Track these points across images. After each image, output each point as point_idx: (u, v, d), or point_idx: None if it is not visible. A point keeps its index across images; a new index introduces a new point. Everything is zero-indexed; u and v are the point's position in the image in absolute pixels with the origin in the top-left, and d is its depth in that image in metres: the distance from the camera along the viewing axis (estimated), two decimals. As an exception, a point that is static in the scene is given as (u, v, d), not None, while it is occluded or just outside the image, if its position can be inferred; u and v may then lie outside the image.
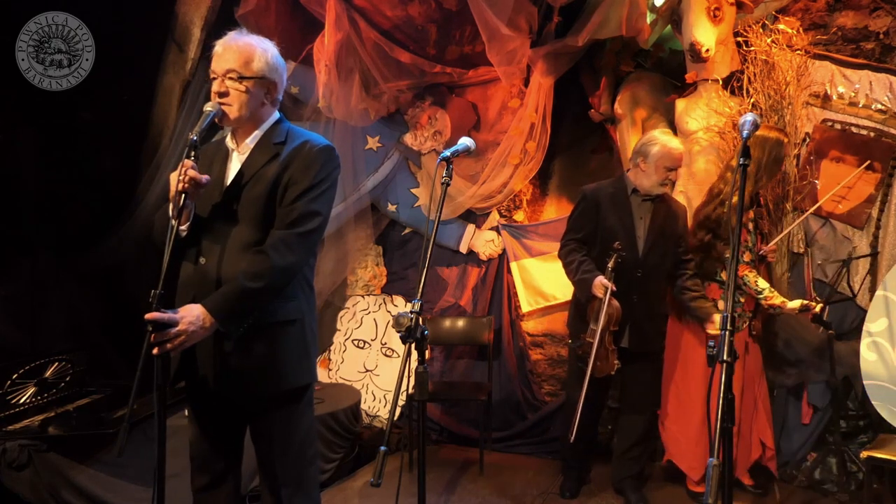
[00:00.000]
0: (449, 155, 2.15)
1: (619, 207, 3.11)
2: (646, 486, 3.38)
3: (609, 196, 3.14)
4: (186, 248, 1.97)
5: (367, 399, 4.34)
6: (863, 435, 3.29)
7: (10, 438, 2.90)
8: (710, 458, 1.48)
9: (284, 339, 1.99)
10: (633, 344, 3.10)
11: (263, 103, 2.03)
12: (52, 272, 3.98)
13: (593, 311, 2.95)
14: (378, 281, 4.57)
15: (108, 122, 4.09)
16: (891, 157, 3.25)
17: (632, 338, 3.09)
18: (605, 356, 2.96)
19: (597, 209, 3.13)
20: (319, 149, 2.02)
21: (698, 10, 3.30)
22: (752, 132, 1.86)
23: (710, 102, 3.46)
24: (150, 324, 1.75)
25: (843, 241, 3.36)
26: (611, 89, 4.02)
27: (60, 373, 3.46)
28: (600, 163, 4.21)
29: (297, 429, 2.04)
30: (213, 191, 1.97)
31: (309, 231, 1.96)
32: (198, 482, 2.08)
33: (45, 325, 3.90)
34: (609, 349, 2.96)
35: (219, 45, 1.98)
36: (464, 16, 3.86)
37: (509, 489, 3.47)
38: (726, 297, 1.72)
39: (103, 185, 4.15)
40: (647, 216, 3.12)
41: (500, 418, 4.09)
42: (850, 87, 3.34)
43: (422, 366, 1.87)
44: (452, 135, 4.25)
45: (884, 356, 2.88)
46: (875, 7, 3.38)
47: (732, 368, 1.58)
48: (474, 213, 4.29)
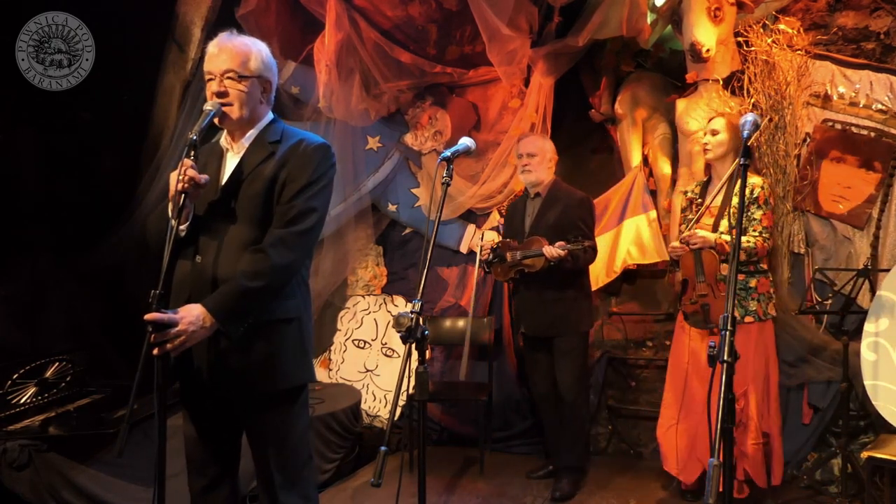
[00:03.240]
0: (449, 155, 2.15)
1: (518, 211, 3.54)
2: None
3: (514, 204, 3.65)
4: (184, 246, 1.97)
5: (368, 399, 4.34)
6: (863, 435, 3.29)
7: (10, 438, 2.90)
8: (711, 458, 1.48)
9: (283, 337, 1.99)
10: (529, 328, 3.44)
11: (261, 102, 2.04)
12: (52, 272, 3.98)
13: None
14: (378, 281, 4.57)
15: (108, 122, 4.09)
16: (891, 158, 3.25)
17: (527, 325, 3.44)
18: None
19: (506, 218, 3.69)
20: (315, 147, 2.02)
21: (699, 10, 3.30)
22: (753, 132, 1.86)
23: (710, 102, 3.46)
24: (150, 324, 1.74)
25: (843, 241, 3.36)
26: (611, 89, 4.02)
27: (61, 373, 3.45)
28: (600, 163, 4.21)
29: (293, 429, 2.03)
30: (209, 190, 1.97)
31: (307, 229, 1.96)
32: (195, 484, 2.07)
33: (46, 325, 3.90)
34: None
35: (213, 47, 1.99)
36: (464, 16, 3.86)
37: (509, 489, 3.47)
38: (726, 296, 1.71)
39: (103, 185, 4.15)
40: (534, 212, 3.44)
41: (500, 418, 4.09)
42: (850, 88, 3.34)
43: (422, 366, 1.87)
44: (453, 135, 4.25)
45: (884, 356, 2.88)
46: (876, 7, 3.38)
47: (733, 368, 1.57)
48: (475, 213, 4.29)
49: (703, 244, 2.99)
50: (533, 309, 3.39)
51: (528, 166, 3.40)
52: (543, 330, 3.39)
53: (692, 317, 3.08)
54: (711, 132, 3.13)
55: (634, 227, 3.86)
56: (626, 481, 3.53)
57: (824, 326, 3.39)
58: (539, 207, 3.42)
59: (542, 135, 3.74)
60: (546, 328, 3.38)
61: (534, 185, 3.45)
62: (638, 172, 3.89)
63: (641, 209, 3.86)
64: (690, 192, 3.27)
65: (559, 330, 3.36)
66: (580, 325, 3.41)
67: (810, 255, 3.44)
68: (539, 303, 3.36)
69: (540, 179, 3.43)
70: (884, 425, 2.91)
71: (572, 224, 3.33)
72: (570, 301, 3.36)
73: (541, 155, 3.41)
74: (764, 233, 3.01)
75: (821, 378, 3.31)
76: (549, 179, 3.45)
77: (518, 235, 3.44)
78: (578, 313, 3.39)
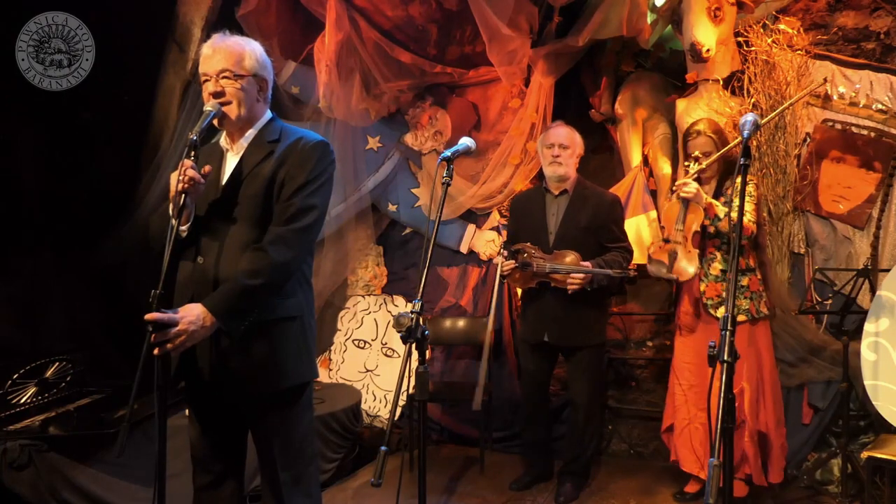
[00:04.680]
0: (449, 155, 2.15)
1: (535, 207, 3.32)
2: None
3: (525, 199, 3.44)
4: (185, 247, 1.97)
5: (368, 399, 4.34)
6: (863, 435, 3.29)
7: (10, 438, 2.90)
8: (711, 458, 1.48)
9: (285, 336, 1.99)
10: (553, 338, 3.21)
11: (258, 100, 2.05)
12: (52, 272, 3.98)
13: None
14: (379, 281, 4.57)
15: (108, 122, 4.09)
16: (891, 158, 3.25)
17: (551, 333, 3.21)
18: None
19: (515, 215, 3.45)
20: (314, 145, 2.02)
21: (699, 11, 3.30)
22: (753, 132, 1.86)
23: (710, 102, 3.46)
24: (151, 324, 1.75)
25: (843, 241, 3.36)
26: (611, 89, 4.02)
27: (61, 373, 3.45)
28: (601, 163, 4.21)
29: (297, 427, 2.04)
30: (209, 190, 1.98)
31: (307, 226, 1.97)
32: (199, 481, 2.08)
33: (46, 325, 3.90)
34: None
35: (207, 48, 1.99)
36: (464, 16, 3.86)
37: (509, 488, 3.47)
38: (726, 295, 1.71)
39: (103, 185, 4.15)
40: (559, 211, 3.25)
41: (500, 418, 4.09)
42: (850, 87, 3.34)
43: (422, 366, 1.87)
44: (453, 135, 4.26)
45: (884, 356, 2.88)
46: (876, 7, 3.38)
47: (733, 368, 1.57)
48: (475, 213, 4.29)
49: (694, 197, 2.92)
50: (557, 317, 3.19)
51: (559, 158, 3.19)
52: (568, 339, 3.22)
53: (655, 263, 3.04)
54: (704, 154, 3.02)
55: (635, 227, 3.86)
56: (625, 481, 3.53)
57: (824, 326, 3.38)
58: (567, 206, 3.24)
59: (571, 127, 3.50)
60: (571, 338, 3.21)
61: (561, 179, 3.23)
62: (638, 172, 3.89)
63: (642, 209, 3.86)
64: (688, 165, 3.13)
65: (585, 340, 3.22)
66: (602, 335, 3.33)
67: (810, 255, 3.44)
68: (563, 311, 3.17)
69: (569, 174, 3.24)
70: (884, 425, 2.91)
71: (605, 227, 3.20)
72: (596, 311, 3.25)
73: (572, 148, 3.23)
74: (748, 215, 2.93)
75: (821, 378, 3.31)
76: (574, 175, 3.28)
77: (540, 233, 3.24)
78: (601, 324, 3.32)
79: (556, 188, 3.28)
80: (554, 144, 3.21)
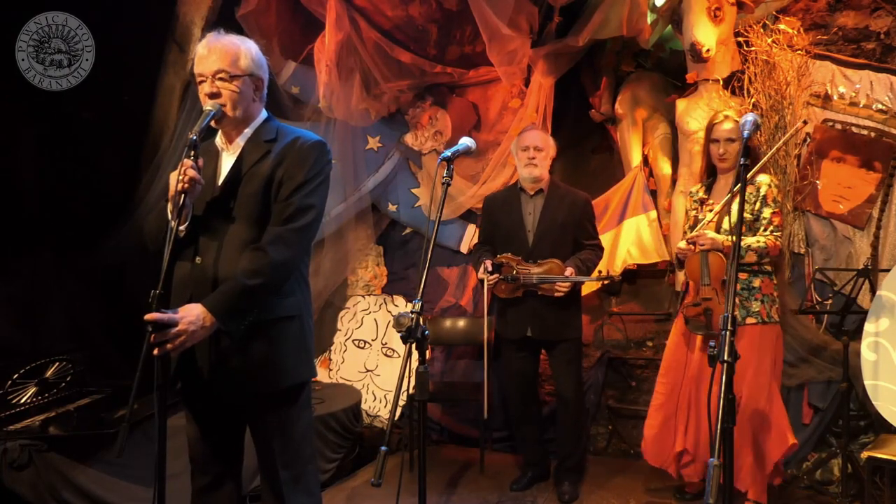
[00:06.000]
0: (449, 155, 2.16)
1: (511, 206, 3.40)
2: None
3: (500, 199, 3.49)
4: (183, 247, 1.97)
5: (368, 399, 4.34)
6: (863, 435, 3.29)
7: (10, 438, 2.90)
8: (711, 458, 1.48)
9: (284, 335, 1.99)
10: (535, 333, 3.32)
11: (254, 100, 2.04)
12: (52, 272, 3.98)
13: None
14: (379, 281, 4.57)
15: (108, 122, 4.08)
16: (891, 158, 3.25)
17: (533, 328, 3.31)
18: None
19: (489, 215, 3.49)
20: (311, 144, 2.03)
21: (699, 11, 3.30)
22: (753, 132, 1.86)
23: (710, 102, 3.46)
24: (150, 324, 1.75)
25: (843, 241, 3.36)
26: (611, 89, 4.02)
27: (61, 373, 3.45)
28: (601, 163, 4.21)
29: (297, 426, 2.05)
30: (206, 190, 1.98)
31: (305, 225, 1.97)
32: (198, 482, 2.08)
33: (46, 325, 3.89)
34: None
35: (202, 48, 1.99)
36: (464, 16, 3.86)
37: (509, 489, 3.47)
38: (726, 296, 1.71)
39: (103, 185, 4.15)
40: (536, 210, 3.34)
41: (500, 418, 4.09)
42: (850, 88, 3.34)
43: (422, 366, 1.87)
44: (453, 135, 4.26)
45: (884, 356, 2.88)
46: (876, 7, 3.38)
47: (733, 368, 1.58)
48: (475, 213, 4.28)
49: (711, 246, 2.88)
50: (538, 313, 3.30)
51: (534, 160, 3.29)
52: (550, 333, 3.32)
53: (693, 321, 2.95)
54: (728, 140, 2.97)
55: (635, 227, 3.87)
56: (625, 481, 3.53)
57: (824, 326, 3.39)
58: (543, 205, 3.35)
59: (544, 129, 3.70)
60: (552, 331, 3.32)
61: (536, 180, 3.34)
62: (638, 172, 3.89)
63: (642, 209, 3.86)
64: (696, 191, 3.16)
65: (566, 334, 3.33)
66: (580, 329, 3.42)
67: (810, 255, 3.44)
68: (543, 308, 3.29)
69: (543, 175, 3.35)
70: (884, 425, 2.91)
71: (580, 225, 3.33)
72: (573, 306, 3.36)
73: (546, 150, 3.34)
74: (775, 231, 2.90)
75: (821, 378, 3.31)
76: (548, 176, 3.40)
77: (519, 231, 3.34)
78: (578, 319, 3.41)
79: (531, 188, 3.38)
80: (529, 147, 3.32)
